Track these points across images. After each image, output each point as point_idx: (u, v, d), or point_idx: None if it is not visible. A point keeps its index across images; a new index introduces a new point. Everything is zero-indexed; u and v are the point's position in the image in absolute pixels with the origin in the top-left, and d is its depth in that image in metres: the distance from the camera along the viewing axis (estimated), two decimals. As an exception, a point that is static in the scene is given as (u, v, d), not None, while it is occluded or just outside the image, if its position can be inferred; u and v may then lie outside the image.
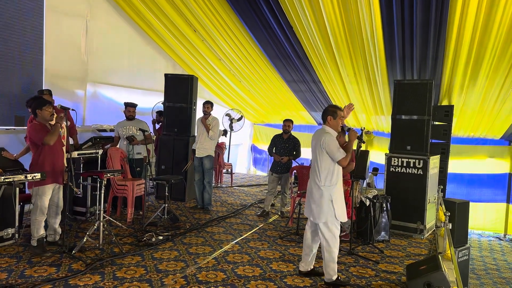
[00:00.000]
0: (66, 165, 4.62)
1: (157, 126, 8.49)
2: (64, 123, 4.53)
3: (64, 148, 4.68)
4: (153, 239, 4.87)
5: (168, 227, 5.59)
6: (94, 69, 7.83)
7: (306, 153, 7.09)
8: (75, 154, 5.35)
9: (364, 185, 9.10)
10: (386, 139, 11.20)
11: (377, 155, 11.51)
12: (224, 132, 10.63)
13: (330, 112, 3.93)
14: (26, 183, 4.45)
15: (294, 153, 6.66)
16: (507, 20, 6.28)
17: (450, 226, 5.49)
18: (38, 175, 4.12)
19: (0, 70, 5.88)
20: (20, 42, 6.12)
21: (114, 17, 8.29)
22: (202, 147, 6.63)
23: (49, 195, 4.42)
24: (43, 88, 6.08)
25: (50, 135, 4.29)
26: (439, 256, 4.05)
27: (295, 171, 6.65)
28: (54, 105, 5.08)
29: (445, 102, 9.34)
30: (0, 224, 4.48)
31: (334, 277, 3.89)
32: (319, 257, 4.64)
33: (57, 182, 4.48)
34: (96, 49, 7.81)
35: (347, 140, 4.01)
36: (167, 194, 5.78)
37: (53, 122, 4.42)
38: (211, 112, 6.78)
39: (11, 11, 5.93)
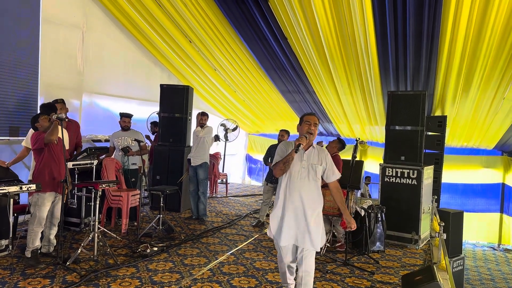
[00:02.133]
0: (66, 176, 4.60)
1: (152, 136, 8.49)
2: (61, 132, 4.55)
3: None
4: (148, 250, 4.84)
5: (163, 238, 5.56)
6: (90, 80, 7.84)
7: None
8: (70, 164, 5.33)
9: (358, 195, 9.13)
10: (380, 149, 11.27)
11: (372, 165, 11.58)
12: (216, 138, 10.60)
13: (300, 121, 3.57)
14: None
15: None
16: (497, 32, 6.40)
17: (444, 236, 5.51)
18: (33, 186, 4.11)
19: (-5, 80, 5.88)
20: (16, 53, 6.13)
21: (110, 28, 8.34)
22: (197, 155, 6.65)
23: (48, 206, 4.41)
24: (43, 100, 6.10)
25: (50, 131, 4.32)
26: (434, 267, 4.07)
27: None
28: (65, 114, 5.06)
29: (438, 113, 9.43)
30: (-7, 235, 4.44)
31: None
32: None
33: (57, 191, 4.47)
34: (92, 60, 7.83)
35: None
36: (162, 204, 5.77)
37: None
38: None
39: (7, 22, 5.94)
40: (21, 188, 4.11)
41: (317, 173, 3.40)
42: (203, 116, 6.75)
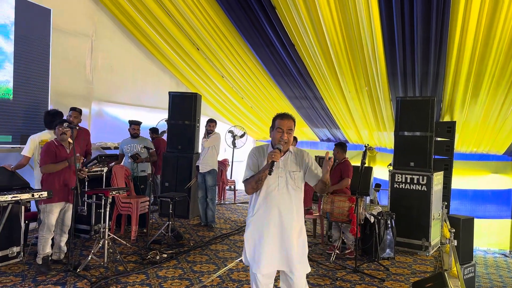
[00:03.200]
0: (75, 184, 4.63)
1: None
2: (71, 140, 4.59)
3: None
4: (157, 257, 4.86)
5: (172, 245, 5.58)
6: (99, 88, 7.93)
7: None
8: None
9: (368, 201, 9.08)
10: (388, 155, 11.20)
11: (380, 171, 11.50)
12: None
13: (272, 124, 2.94)
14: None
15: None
16: (506, 37, 6.37)
17: (455, 242, 5.46)
18: (45, 193, 4.15)
19: (7, 89, 5.96)
20: (26, 61, 6.21)
21: (118, 36, 8.45)
22: (205, 162, 6.68)
23: (57, 213, 4.44)
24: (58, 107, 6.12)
25: (52, 165, 4.36)
26: (445, 274, 4.03)
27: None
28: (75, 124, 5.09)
29: (447, 118, 9.37)
30: (5, 242, 4.47)
31: None
32: None
33: (66, 201, 4.50)
34: (101, 68, 7.93)
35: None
36: (171, 211, 5.79)
37: (70, 140, 4.49)
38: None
39: (17, 30, 6.03)
40: (32, 195, 4.14)
41: (296, 181, 2.83)
42: (211, 123, 6.79)
